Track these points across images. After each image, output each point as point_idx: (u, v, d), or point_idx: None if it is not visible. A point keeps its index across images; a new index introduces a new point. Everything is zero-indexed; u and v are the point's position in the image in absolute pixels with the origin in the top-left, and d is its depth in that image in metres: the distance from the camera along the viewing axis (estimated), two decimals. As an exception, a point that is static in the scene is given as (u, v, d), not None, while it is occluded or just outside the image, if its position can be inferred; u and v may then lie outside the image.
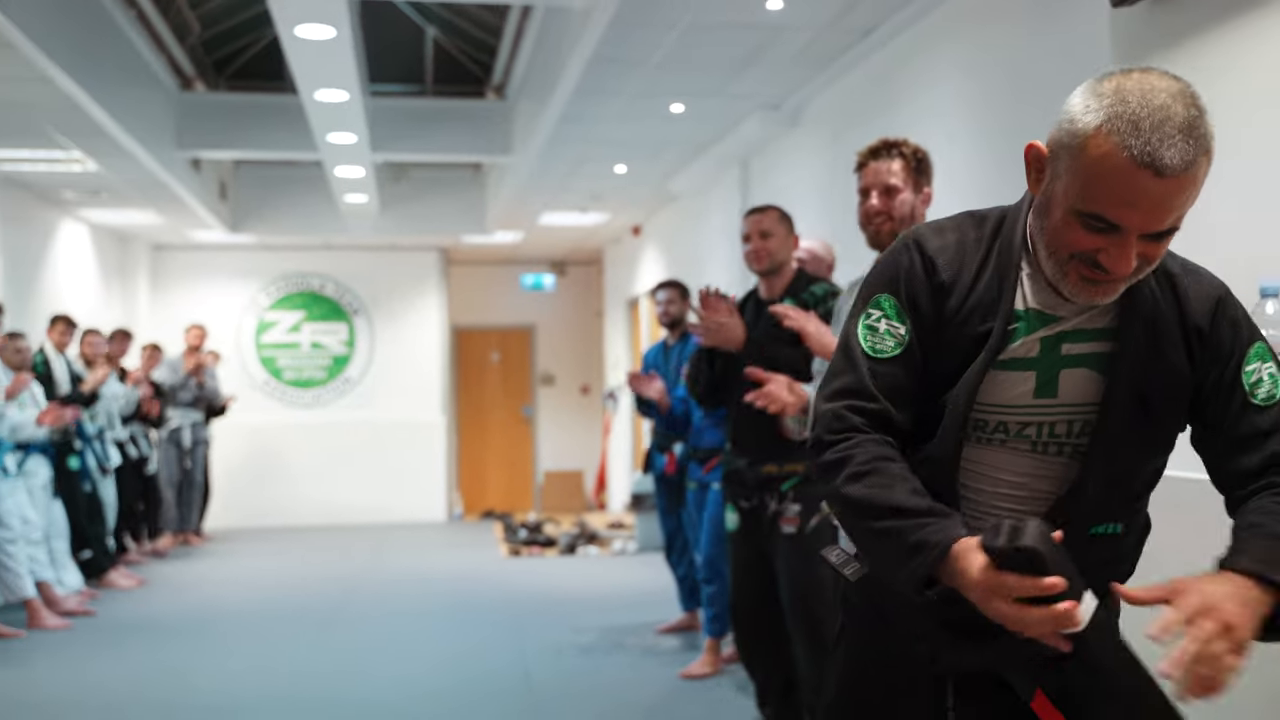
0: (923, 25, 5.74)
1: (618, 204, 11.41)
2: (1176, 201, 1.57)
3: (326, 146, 8.76)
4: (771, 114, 7.62)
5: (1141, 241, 1.60)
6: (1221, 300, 1.75)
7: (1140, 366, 1.70)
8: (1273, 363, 1.74)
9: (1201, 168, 1.57)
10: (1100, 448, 1.72)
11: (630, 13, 5.65)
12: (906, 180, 3.28)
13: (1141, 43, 3.10)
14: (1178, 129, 1.54)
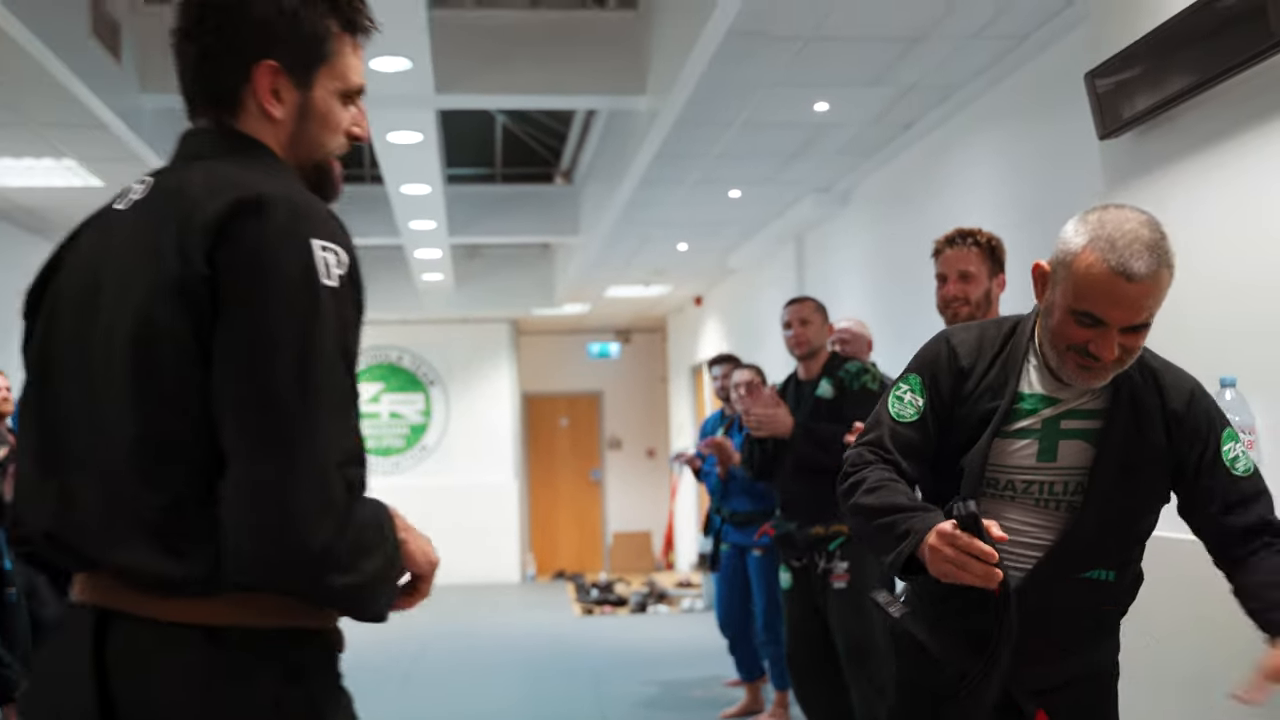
0: (957, 120, 6.25)
1: (680, 277, 11.94)
2: (1146, 302, 2.04)
3: (408, 232, 9.39)
4: (823, 196, 8.12)
5: (1121, 334, 2.05)
6: (1195, 392, 2.18)
7: (1124, 440, 2.13)
8: (1240, 443, 2.18)
9: (1164, 277, 2.04)
10: (1091, 502, 2.14)
11: (692, 113, 6.19)
12: (981, 267, 3.56)
13: (1126, 170, 3.38)
14: (1145, 247, 2.03)
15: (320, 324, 1.40)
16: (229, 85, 1.55)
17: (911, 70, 5.70)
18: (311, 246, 1.41)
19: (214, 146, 1.56)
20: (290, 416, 1.37)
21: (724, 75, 5.64)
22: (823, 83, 5.89)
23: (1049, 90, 5.12)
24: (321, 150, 1.61)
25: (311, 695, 1.49)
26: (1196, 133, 3.08)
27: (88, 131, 6.21)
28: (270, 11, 1.53)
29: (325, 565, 1.37)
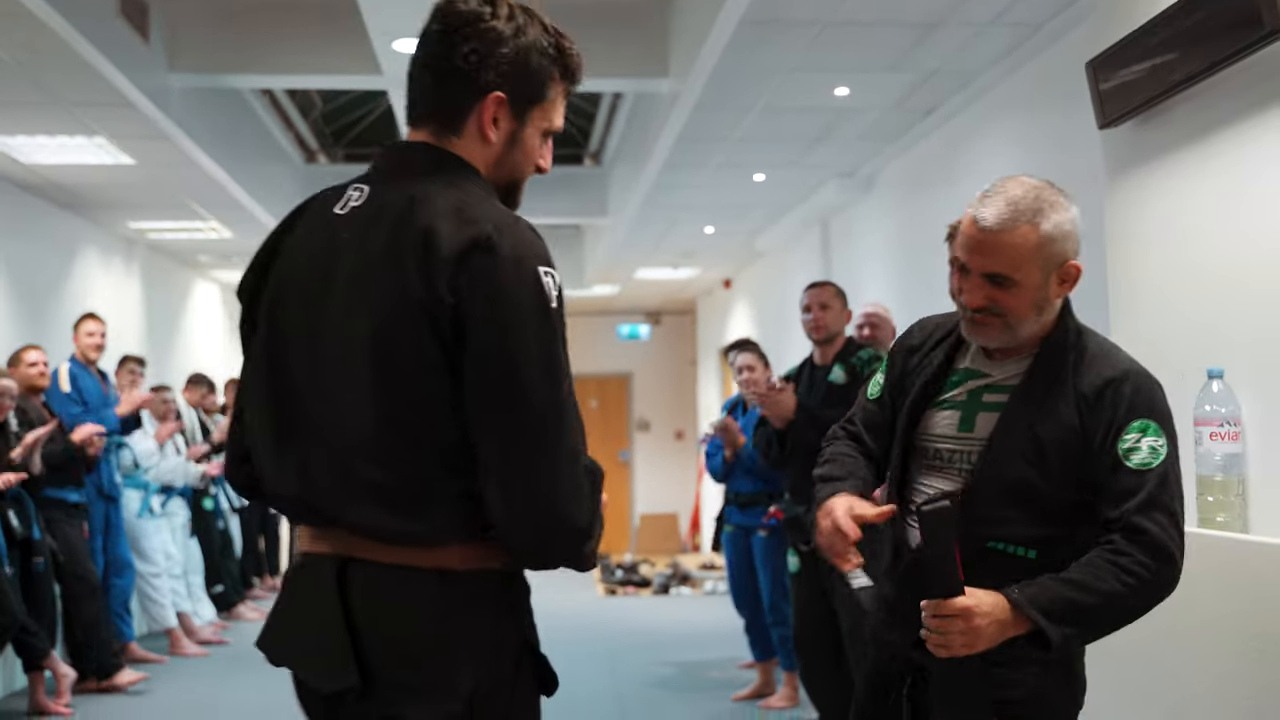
0: (976, 107, 6.25)
1: (708, 260, 11.97)
2: (1004, 253, 2.10)
3: (437, 212, 9.46)
4: (846, 181, 8.13)
5: (990, 286, 2.13)
6: (1115, 380, 2.12)
7: (1029, 412, 2.15)
8: (1160, 440, 2.08)
9: (1023, 232, 2.09)
10: (985, 465, 2.16)
11: (711, 97, 6.21)
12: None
13: (1127, 159, 3.39)
14: (1005, 200, 2.11)
15: (556, 341, 1.68)
16: (460, 108, 1.79)
17: (930, 56, 5.70)
18: (539, 274, 1.68)
19: (427, 164, 1.79)
20: (546, 426, 1.67)
21: (741, 60, 5.65)
22: (842, 68, 5.89)
23: (1064, 79, 5.11)
24: (517, 174, 1.86)
25: (520, 628, 1.79)
26: (1195, 122, 3.09)
27: (117, 110, 6.31)
28: (512, 54, 1.78)
29: (586, 538, 1.71)
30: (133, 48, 5.86)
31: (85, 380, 7.16)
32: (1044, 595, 2.02)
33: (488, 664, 1.72)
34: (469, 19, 1.79)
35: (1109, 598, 2.01)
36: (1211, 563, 2.69)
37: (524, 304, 1.66)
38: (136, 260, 10.00)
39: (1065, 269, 2.15)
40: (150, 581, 7.69)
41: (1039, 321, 2.18)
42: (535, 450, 1.66)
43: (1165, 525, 2.04)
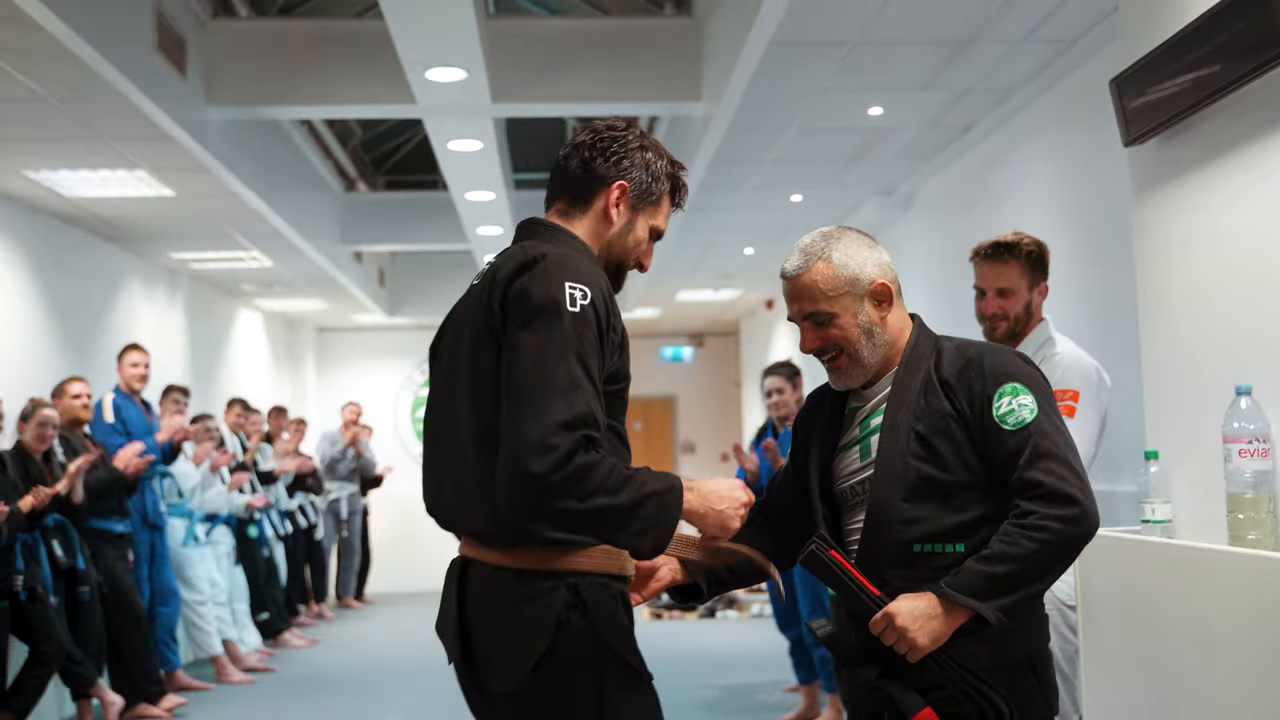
0: (1015, 123, 6.20)
1: (749, 281, 11.94)
2: (809, 293, 2.31)
3: (476, 238, 9.52)
4: (885, 200, 8.08)
5: (814, 327, 2.33)
6: (972, 360, 2.27)
7: (906, 413, 2.27)
8: (1029, 397, 2.20)
9: (818, 269, 2.30)
10: (879, 465, 2.27)
11: (745, 120, 6.20)
12: (1020, 281, 3.51)
13: (1153, 176, 3.37)
14: (798, 249, 2.35)
15: (560, 334, 2.01)
16: (591, 190, 2.26)
17: (963, 74, 5.66)
18: (565, 285, 2.04)
19: (541, 233, 2.24)
20: (534, 396, 1.98)
21: (773, 82, 5.64)
22: (874, 87, 5.87)
23: (1100, 94, 5.04)
24: (623, 257, 2.29)
25: (592, 621, 2.07)
26: (1220, 138, 3.07)
27: (156, 144, 6.38)
28: (640, 161, 2.28)
29: (548, 489, 1.95)
30: (170, 82, 5.93)
31: (129, 410, 7.24)
32: (967, 579, 2.14)
33: (551, 649, 2.04)
34: (611, 129, 2.29)
35: (1025, 559, 2.12)
36: (1243, 581, 2.66)
37: (544, 304, 2.02)
38: (180, 290, 10.11)
39: (874, 290, 2.32)
40: (195, 609, 7.74)
41: (878, 345, 2.33)
42: (522, 414, 1.98)
43: (1055, 470, 2.15)
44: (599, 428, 2.01)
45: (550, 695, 2.07)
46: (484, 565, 2.13)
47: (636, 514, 2.02)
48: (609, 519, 2.00)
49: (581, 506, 1.97)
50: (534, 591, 2.06)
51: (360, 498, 11.94)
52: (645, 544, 2.05)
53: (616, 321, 2.12)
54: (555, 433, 1.95)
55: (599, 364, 2.05)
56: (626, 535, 2.03)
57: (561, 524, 2.00)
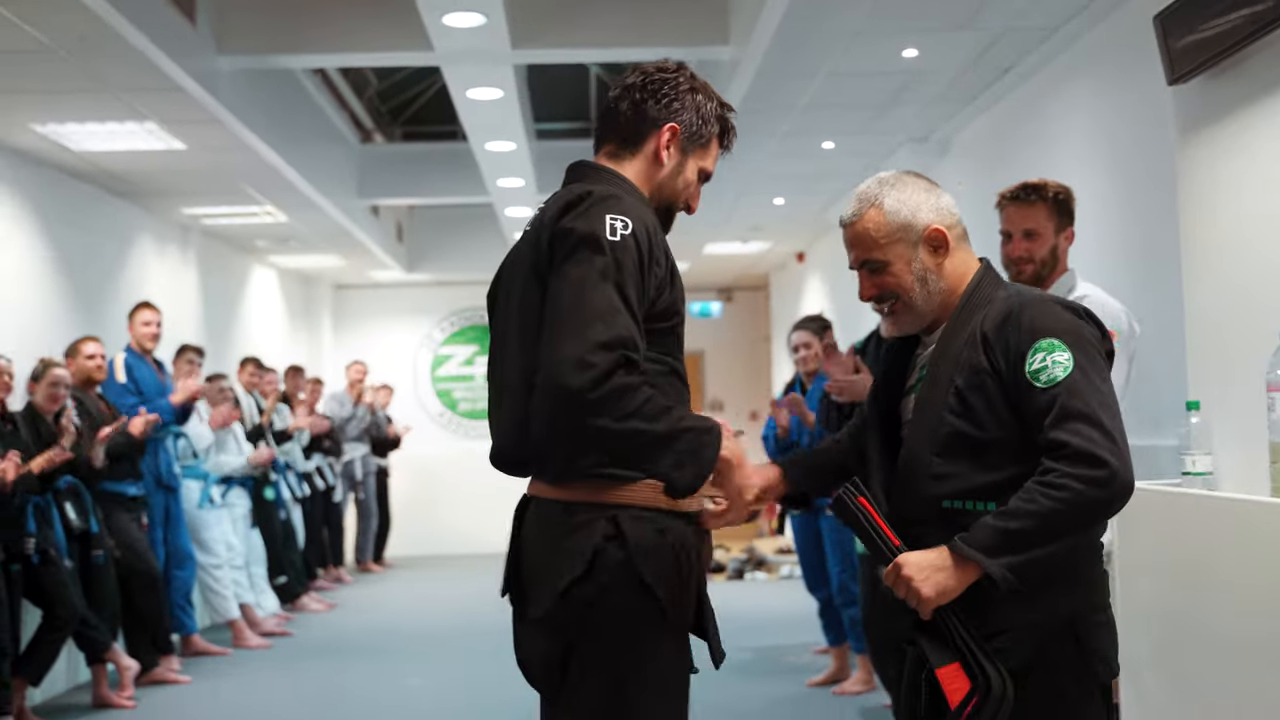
0: (1056, 63, 5.92)
1: (779, 233, 11.68)
2: (862, 242, 2.27)
3: (496, 190, 9.29)
4: (920, 146, 7.79)
5: (868, 275, 2.29)
6: (1013, 312, 2.17)
7: (950, 365, 2.20)
8: (1065, 354, 2.09)
9: (871, 216, 2.27)
10: (914, 420, 2.24)
11: (773, 64, 5.95)
12: (1047, 224, 3.45)
13: (1198, 116, 3.29)
14: (855, 196, 2.31)
15: (600, 262, 2.04)
16: (641, 132, 2.29)
17: (1002, 12, 5.39)
18: (606, 218, 2.08)
19: (590, 174, 2.28)
20: (565, 319, 2.02)
21: (802, 24, 5.41)
22: (908, 29, 5.61)
23: (1145, 31, 4.79)
24: (673, 199, 2.32)
25: (629, 553, 2.11)
26: (1267, 76, 2.98)
27: (166, 95, 6.20)
28: (691, 104, 2.29)
29: (584, 405, 1.97)
30: (180, 31, 5.75)
31: (141, 370, 7.08)
32: (980, 534, 2.08)
33: (584, 577, 2.09)
34: (660, 70, 2.30)
35: (1041, 516, 2.04)
36: None
37: (585, 237, 2.06)
38: (192, 247, 9.91)
39: (929, 236, 2.26)
40: (211, 573, 7.60)
41: (933, 293, 2.28)
42: (559, 335, 2.01)
43: (1082, 431, 2.05)
44: (638, 350, 2.02)
45: (580, 624, 2.10)
46: (539, 500, 2.20)
47: (672, 445, 2.02)
48: (643, 445, 2.01)
49: (616, 426, 1.98)
50: (577, 523, 2.12)
51: (374, 459, 11.79)
52: (683, 477, 2.04)
53: (662, 255, 2.14)
54: (593, 351, 1.97)
55: (639, 293, 2.06)
56: (662, 466, 2.03)
57: (595, 443, 2.02)
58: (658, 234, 2.15)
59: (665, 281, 2.15)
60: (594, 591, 2.09)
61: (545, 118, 9.77)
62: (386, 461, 12.20)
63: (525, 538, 2.23)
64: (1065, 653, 2.13)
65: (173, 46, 5.62)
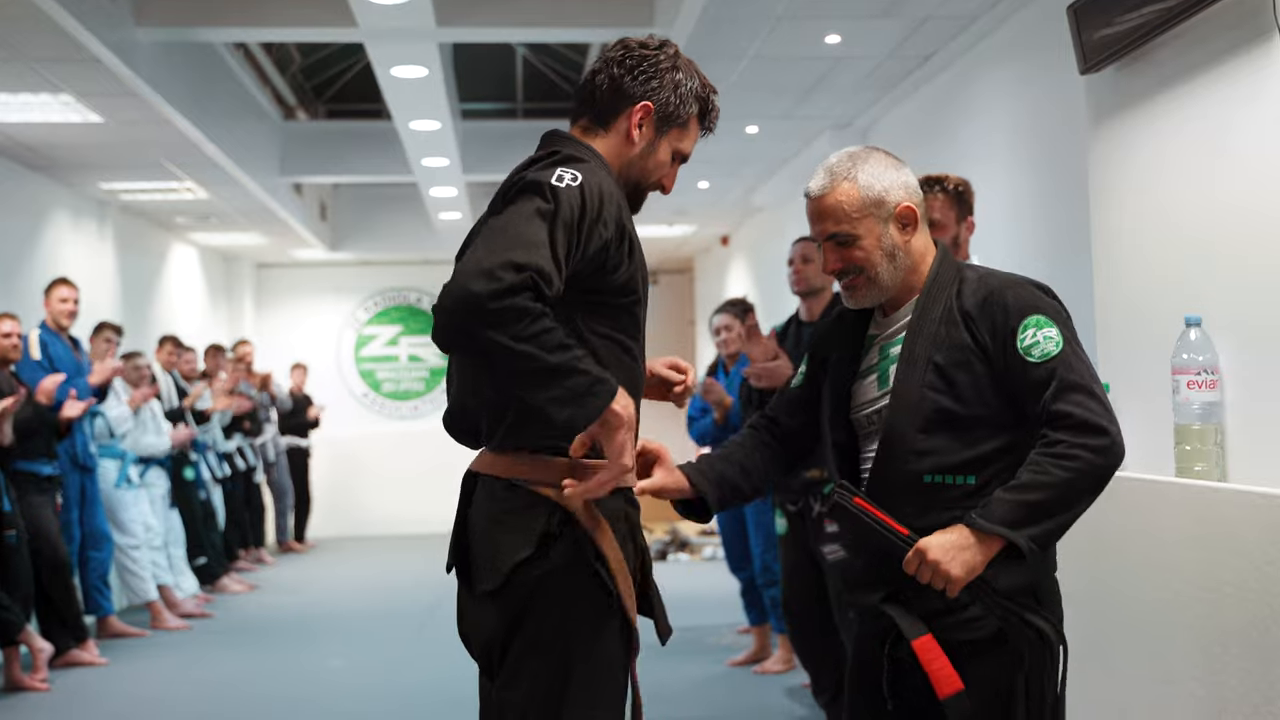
0: (976, 51, 6.01)
1: (704, 217, 11.72)
2: (833, 214, 2.30)
3: (421, 170, 9.22)
4: (842, 132, 7.87)
5: (836, 247, 2.31)
6: (993, 292, 2.24)
7: (926, 343, 2.25)
8: (1054, 329, 2.18)
9: (842, 189, 2.29)
10: (894, 395, 2.27)
11: (698, 46, 5.96)
12: (948, 213, 3.54)
13: (1109, 105, 3.37)
14: (823, 168, 2.34)
15: (539, 203, 2.00)
16: (614, 109, 2.23)
17: (923, 1, 5.44)
18: (559, 170, 2.05)
19: (560, 143, 2.21)
20: (488, 239, 1.99)
21: (727, 7, 5.45)
22: (831, 14, 5.66)
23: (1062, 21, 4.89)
24: (644, 179, 2.27)
25: (578, 537, 2.10)
26: (1175, 66, 3.06)
27: (82, 66, 6.09)
28: (669, 81, 2.24)
29: (482, 314, 1.90)
30: (97, 1, 5.62)
31: (57, 348, 6.94)
32: (999, 509, 2.13)
33: (533, 557, 2.08)
34: (642, 47, 2.25)
35: (1058, 487, 2.11)
36: (1189, 511, 2.69)
37: (533, 183, 2.03)
38: (110, 223, 9.73)
39: (900, 213, 2.30)
40: (129, 554, 7.50)
41: (899, 269, 2.31)
42: (476, 249, 2.00)
43: (1083, 403, 2.14)
44: (550, 284, 1.96)
45: (528, 602, 2.10)
46: (485, 478, 2.17)
47: (560, 381, 1.96)
48: (531, 370, 1.94)
49: (509, 344, 1.92)
50: (524, 503, 2.10)
51: (284, 438, 11.69)
52: (560, 414, 1.98)
53: (612, 221, 2.08)
54: (504, 267, 1.92)
55: (570, 241, 2.01)
56: (542, 397, 1.97)
57: (485, 354, 1.96)
58: (613, 202, 2.10)
59: (622, 253, 2.11)
60: (542, 572, 2.09)
61: (471, 97, 9.72)
62: (307, 442, 12.10)
63: (473, 514, 2.21)
64: (1028, 619, 2.22)
65: (89, 16, 5.50)
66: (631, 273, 2.15)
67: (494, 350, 1.93)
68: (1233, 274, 2.86)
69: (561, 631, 2.10)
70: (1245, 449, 2.82)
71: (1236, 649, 2.52)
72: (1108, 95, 3.38)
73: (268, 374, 11.53)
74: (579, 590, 2.10)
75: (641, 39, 2.29)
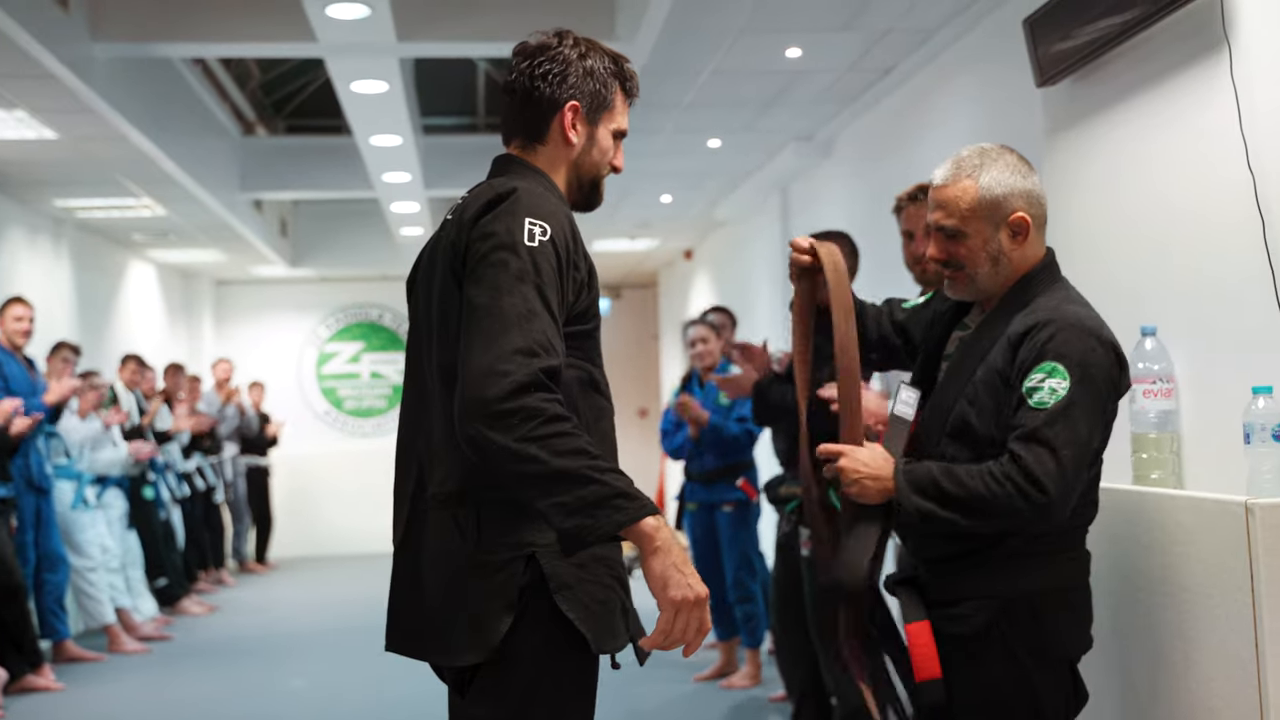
0: (934, 66, 6.04)
1: (667, 231, 11.72)
2: (947, 206, 2.35)
3: (382, 185, 9.16)
4: (805, 145, 7.89)
5: (942, 238, 2.37)
6: (1037, 325, 2.27)
7: (976, 355, 2.34)
8: (1065, 382, 2.20)
9: (963, 184, 2.34)
10: (936, 398, 2.37)
11: (659, 61, 5.97)
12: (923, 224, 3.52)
13: (1065, 118, 3.40)
14: (952, 160, 2.38)
15: (518, 266, 1.97)
16: (544, 119, 2.19)
17: (882, 14, 5.48)
18: (526, 221, 2.01)
19: (504, 166, 2.21)
20: (481, 326, 1.93)
21: (688, 22, 5.44)
22: (791, 28, 5.67)
23: (1020, 35, 4.92)
24: (596, 171, 2.24)
25: (552, 597, 2.01)
26: (1128, 78, 3.09)
27: (37, 82, 6.03)
28: (582, 72, 2.19)
29: (490, 417, 1.87)
30: (52, 16, 5.57)
31: (11, 368, 6.84)
32: (919, 470, 2.26)
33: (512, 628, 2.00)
34: (543, 49, 2.20)
35: (970, 491, 2.19)
36: (1146, 518, 2.71)
37: (503, 240, 1.99)
38: (65, 240, 9.61)
39: (1013, 221, 2.33)
40: (85, 576, 7.39)
41: (999, 273, 2.35)
42: (474, 342, 1.93)
43: (1041, 457, 2.17)
44: (557, 356, 1.95)
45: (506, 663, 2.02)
46: (440, 515, 2.06)
47: (567, 487, 1.87)
48: (531, 475, 1.88)
49: (512, 446, 1.87)
50: (490, 561, 2.00)
51: (244, 458, 11.59)
52: (564, 524, 1.88)
53: (580, 260, 2.08)
54: (508, 359, 1.89)
55: (559, 298, 2.00)
56: (543, 502, 1.89)
57: (489, 460, 1.90)
58: (576, 239, 2.09)
59: (584, 285, 2.09)
60: (520, 641, 2.01)
61: (433, 112, 9.67)
62: (267, 461, 11.99)
63: (426, 555, 2.09)
64: (1021, 625, 2.27)
65: (43, 32, 5.43)
66: (592, 299, 2.13)
67: (497, 455, 1.88)
68: (1187, 283, 2.88)
69: (536, 672, 2.04)
70: (1201, 456, 2.84)
71: (1195, 655, 2.52)
72: (1063, 107, 3.41)
73: (235, 389, 11.46)
74: (557, 645, 2.04)
75: (538, 39, 2.23)
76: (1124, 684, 2.77)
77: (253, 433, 11.69)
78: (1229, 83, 2.68)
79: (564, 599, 2.00)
